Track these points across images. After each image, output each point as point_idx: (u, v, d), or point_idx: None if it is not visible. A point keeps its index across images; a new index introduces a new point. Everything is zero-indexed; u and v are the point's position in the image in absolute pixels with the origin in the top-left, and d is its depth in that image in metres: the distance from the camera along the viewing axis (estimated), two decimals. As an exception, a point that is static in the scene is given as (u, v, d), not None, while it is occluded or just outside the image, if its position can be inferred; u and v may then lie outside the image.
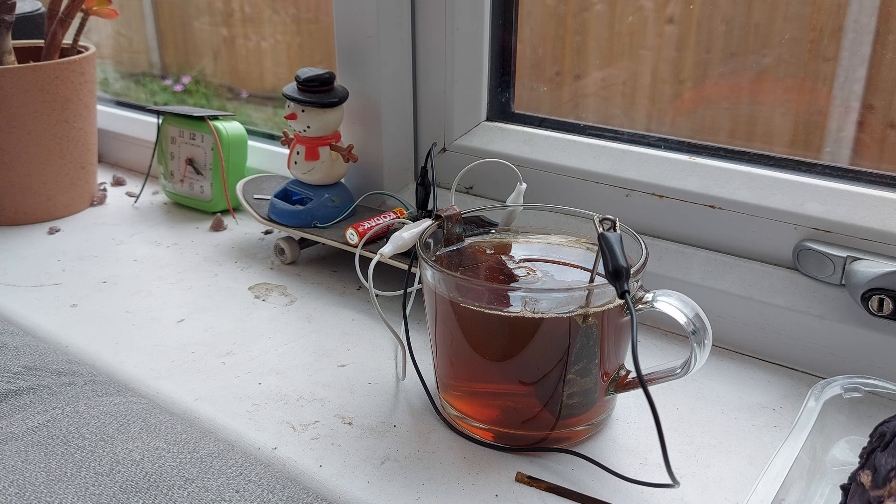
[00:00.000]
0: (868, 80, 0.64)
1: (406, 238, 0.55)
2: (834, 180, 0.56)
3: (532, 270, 0.48)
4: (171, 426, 0.46)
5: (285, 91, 0.67)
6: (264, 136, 0.92)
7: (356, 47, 0.69)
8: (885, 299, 0.49)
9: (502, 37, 0.72)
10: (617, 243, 0.41)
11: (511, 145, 0.69)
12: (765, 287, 0.55)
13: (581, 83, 0.80)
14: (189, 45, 1.55)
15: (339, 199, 0.70)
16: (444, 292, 0.44)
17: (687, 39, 0.73)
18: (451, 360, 0.46)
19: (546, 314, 0.41)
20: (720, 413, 0.49)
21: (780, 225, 0.55)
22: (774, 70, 0.68)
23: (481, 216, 0.53)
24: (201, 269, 0.70)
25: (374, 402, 0.50)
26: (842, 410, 0.43)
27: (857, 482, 0.34)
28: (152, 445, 0.44)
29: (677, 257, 0.59)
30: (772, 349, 0.55)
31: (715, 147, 0.62)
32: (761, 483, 0.37)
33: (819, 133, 0.67)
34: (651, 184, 0.61)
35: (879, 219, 0.52)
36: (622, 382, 0.45)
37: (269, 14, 1.43)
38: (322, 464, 0.44)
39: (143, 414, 0.47)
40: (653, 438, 0.46)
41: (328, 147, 0.68)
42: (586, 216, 0.50)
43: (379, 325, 0.60)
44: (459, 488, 0.42)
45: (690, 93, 0.74)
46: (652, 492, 0.42)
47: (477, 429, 0.46)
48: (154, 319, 0.61)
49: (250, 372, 0.54)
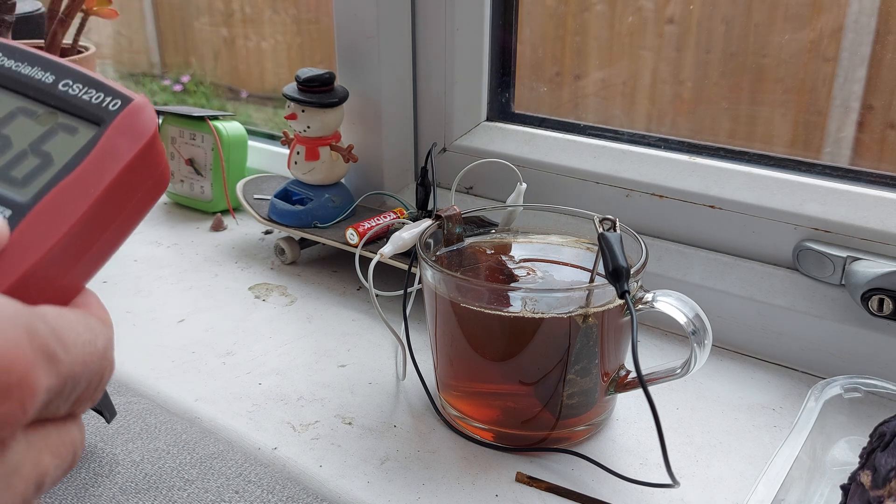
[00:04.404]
0: (868, 80, 0.64)
1: (406, 238, 0.55)
2: (834, 180, 0.56)
3: (532, 270, 0.48)
4: (171, 426, 0.46)
5: (285, 91, 0.67)
6: (264, 136, 0.92)
7: (356, 47, 0.69)
8: (885, 299, 0.49)
9: (502, 37, 0.72)
10: (617, 243, 0.41)
11: (511, 145, 0.69)
12: (765, 287, 0.55)
13: (581, 83, 0.80)
14: (189, 45, 1.55)
15: (339, 199, 0.70)
16: (445, 292, 0.44)
17: (687, 39, 0.73)
18: (452, 360, 0.46)
19: (546, 314, 0.41)
20: (720, 413, 0.49)
21: (780, 225, 0.55)
22: (774, 70, 0.68)
23: (481, 216, 0.53)
24: (201, 270, 0.70)
25: (375, 402, 0.50)
26: (842, 410, 0.43)
27: (857, 482, 0.34)
28: (152, 446, 0.44)
29: (677, 257, 0.59)
30: (772, 349, 0.55)
31: (715, 147, 0.62)
32: (761, 483, 0.37)
33: (819, 133, 0.67)
34: (651, 184, 0.61)
35: (879, 219, 0.52)
36: (622, 382, 0.45)
37: (269, 14, 1.43)
38: (322, 464, 0.44)
39: (142, 414, 0.47)
40: (653, 438, 0.46)
41: (328, 147, 0.68)
42: (586, 216, 0.50)
43: (379, 325, 0.60)
44: (459, 488, 0.42)
45: (690, 93, 0.74)
46: (652, 492, 0.42)
47: (477, 429, 0.46)
48: (154, 319, 0.61)
49: (250, 372, 0.54)
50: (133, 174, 0.27)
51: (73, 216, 0.26)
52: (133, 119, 0.27)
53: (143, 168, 0.27)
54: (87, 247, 0.27)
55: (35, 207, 0.25)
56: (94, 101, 0.28)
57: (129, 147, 0.27)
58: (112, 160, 0.27)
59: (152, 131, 0.27)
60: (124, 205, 0.28)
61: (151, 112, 0.28)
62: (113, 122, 0.27)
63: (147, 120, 0.28)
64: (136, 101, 0.28)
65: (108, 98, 0.28)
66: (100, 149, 0.27)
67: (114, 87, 0.28)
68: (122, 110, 0.27)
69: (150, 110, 0.28)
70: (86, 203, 0.26)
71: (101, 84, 0.28)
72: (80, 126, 0.27)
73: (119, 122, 0.27)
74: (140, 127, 0.27)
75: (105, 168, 0.26)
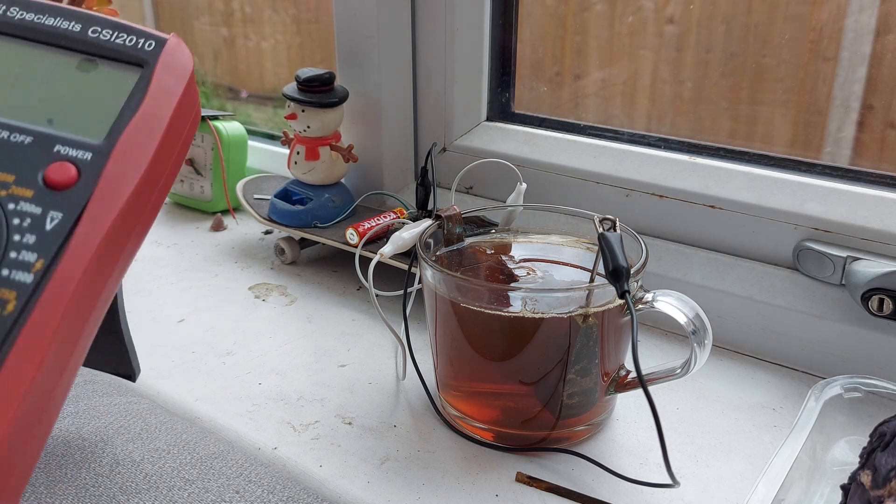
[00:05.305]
0: (868, 80, 0.64)
1: (406, 238, 0.55)
2: (834, 180, 0.56)
3: (532, 270, 0.48)
4: (172, 426, 0.46)
5: (285, 91, 0.67)
6: (264, 136, 0.92)
7: (356, 47, 0.69)
8: (885, 299, 0.49)
9: (502, 37, 0.72)
10: (617, 243, 0.41)
11: (511, 145, 0.69)
12: (765, 287, 0.55)
13: (581, 83, 0.80)
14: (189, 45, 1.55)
15: (339, 199, 0.70)
16: (445, 292, 0.44)
17: (687, 39, 0.73)
18: (452, 360, 0.46)
19: (546, 314, 0.41)
20: (720, 413, 0.49)
21: (780, 225, 0.55)
22: (774, 70, 0.68)
23: (481, 216, 0.53)
24: (201, 269, 0.70)
25: (375, 402, 0.50)
26: (842, 410, 0.43)
27: (857, 482, 0.34)
28: (152, 446, 0.44)
29: (677, 257, 0.59)
30: (772, 349, 0.55)
31: (715, 147, 0.62)
32: (761, 483, 0.37)
33: (819, 133, 0.67)
34: (651, 184, 0.61)
35: (879, 219, 0.52)
36: (622, 382, 0.45)
37: (269, 14, 1.43)
38: (322, 464, 0.44)
39: (143, 414, 0.47)
40: (653, 438, 0.46)
41: (328, 147, 0.68)
42: (586, 216, 0.50)
43: (379, 325, 0.60)
44: (459, 488, 0.42)
45: (690, 93, 0.74)
46: (652, 492, 0.42)
47: (477, 429, 0.46)
48: (154, 319, 0.61)
49: (250, 372, 0.54)
50: (182, 108, 0.28)
51: (148, 155, 0.27)
52: (174, 57, 0.28)
53: (188, 103, 0.29)
54: (157, 184, 0.28)
55: (115, 149, 0.26)
56: (128, 44, 0.28)
57: (176, 83, 0.28)
58: (166, 97, 0.28)
59: (191, 67, 0.29)
60: (177, 141, 0.29)
61: (186, 49, 0.29)
62: (157, 61, 0.28)
63: (185, 56, 0.29)
64: (171, 40, 0.29)
65: (140, 39, 0.29)
66: (154, 88, 0.28)
67: (142, 29, 0.29)
68: (162, 50, 0.28)
69: (184, 47, 0.29)
70: (156, 140, 0.27)
71: (129, 27, 0.29)
72: (123, 69, 0.28)
73: (163, 62, 0.28)
74: (181, 64, 0.29)
75: (163, 104, 0.28)
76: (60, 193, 0.25)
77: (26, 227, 0.24)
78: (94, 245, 0.25)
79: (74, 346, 0.25)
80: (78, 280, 0.24)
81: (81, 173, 0.25)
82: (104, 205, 0.25)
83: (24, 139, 0.26)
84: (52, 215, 0.25)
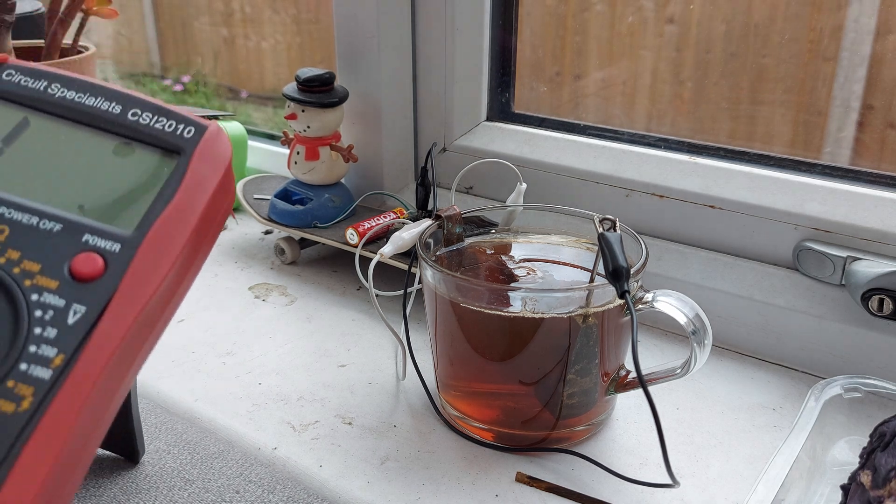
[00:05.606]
0: (868, 80, 0.64)
1: (406, 238, 0.55)
2: (834, 180, 0.56)
3: (532, 270, 0.48)
4: (171, 426, 0.46)
5: (285, 91, 0.67)
6: (264, 136, 0.92)
7: (356, 47, 0.69)
8: (885, 299, 0.49)
9: (502, 37, 0.72)
10: (617, 243, 0.41)
11: (511, 145, 0.69)
12: (765, 287, 0.55)
13: (581, 83, 0.80)
14: (189, 45, 1.56)
15: (339, 199, 0.70)
16: (444, 292, 0.44)
17: (687, 39, 0.73)
18: (451, 360, 0.46)
19: (546, 314, 0.41)
20: (720, 413, 0.49)
21: (780, 225, 0.55)
22: (774, 70, 0.68)
23: (481, 216, 0.53)
24: (201, 269, 0.70)
25: (374, 402, 0.50)
26: (842, 410, 0.43)
27: (857, 482, 0.34)
28: (152, 446, 0.44)
29: (677, 257, 0.59)
30: (772, 349, 0.55)
31: (715, 147, 0.62)
32: (761, 483, 0.37)
33: (819, 133, 0.67)
34: (651, 184, 0.61)
35: (879, 219, 0.52)
36: (622, 382, 0.45)
37: (269, 14, 1.43)
38: (322, 464, 0.44)
39: (143, 414, 0.47)
40: (653, 438, 0.46)
41: (328, 147, 0.68)
42: (586, 216, 0.50)
43: (379, 325, 0.60)
44: (459, 488, 0.42)
45: (690, 93, 0.74)
46: (652, 492, 0.42)
47: (477, 429, 0.46)
48: (154, 319, 0.61)
49: (250, 372, 0.54)
50: (217, 198, 0.28)
51: (178, 247, 0.26)
52: (212, 146, 0.28)
53: (224, 192, 0.28)
54: (185, 274, 0.28)
55: (144, 240, 0.26)
56: (167, 130, 0.28)
57: (212, 174, 0.28)
58: (201, 188, 0.27)
59: (230, 157, 0.28)
60: (210, 228, 0.28)
61: (225, 138, 0.28)
62: (195, 150, 0.27)
63: (224, 146, 0.28)
64: (210, 128, 0.28)
65: (180, 125, 0.28)
66: (189, 178, 0.27)
67: (182, 114, 0.28)
68: (201, 138, 0.28)
69: (224, 136, 0.28)
70: (187, 231, 0.27)
71: (169, 111, 0.28)
72: (160, 156, 0.27)
73: (201, 151, 0.27)
74: (220, 154, 0.28)
75: (197, 196, 0.27)
76: (86, 286, 0.24)
77: (48, 321, 0.24)
78: (116, 341, 0.24)
79: (89, 439, 0.25)
80: (97, 377, 0.24)
81: (108, 265, 0.25)
82: (129, 300, 0.25)
83: (53, 226, 0.25)
84: (76, 308, 0.24)
